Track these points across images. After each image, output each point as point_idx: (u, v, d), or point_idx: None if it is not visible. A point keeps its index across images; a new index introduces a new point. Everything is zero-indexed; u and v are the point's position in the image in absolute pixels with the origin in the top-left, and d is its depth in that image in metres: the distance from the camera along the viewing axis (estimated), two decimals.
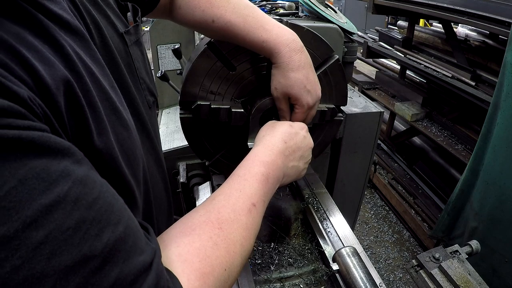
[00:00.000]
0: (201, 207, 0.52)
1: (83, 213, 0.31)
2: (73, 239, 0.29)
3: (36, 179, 0.28)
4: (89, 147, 0.38)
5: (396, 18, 6.17)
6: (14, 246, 0.26)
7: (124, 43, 0.57)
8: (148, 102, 0.64)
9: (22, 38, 0.33)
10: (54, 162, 0.30)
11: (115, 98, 0.45)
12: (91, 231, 0.31)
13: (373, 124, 1.31)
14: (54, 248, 0.28)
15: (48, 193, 0.28)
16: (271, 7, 1.65)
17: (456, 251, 0.91)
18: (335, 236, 0.92)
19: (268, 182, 0.60)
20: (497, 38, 2.53)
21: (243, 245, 0.50)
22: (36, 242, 0.27)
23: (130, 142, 0.46)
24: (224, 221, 0.49)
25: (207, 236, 0.46)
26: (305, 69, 0.75)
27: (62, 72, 0.35)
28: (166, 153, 1.41)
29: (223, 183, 0.59)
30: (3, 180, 0.26)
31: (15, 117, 0.28)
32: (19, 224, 0.26)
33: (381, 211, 3.16)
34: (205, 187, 1.13)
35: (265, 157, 0.64)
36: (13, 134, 0.27)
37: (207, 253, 0.44)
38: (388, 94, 3.30)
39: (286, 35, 0.74)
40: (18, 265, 0.26)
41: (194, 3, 0.75)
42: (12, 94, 0.28)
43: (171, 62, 1.78)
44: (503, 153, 1.60)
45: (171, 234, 0.47)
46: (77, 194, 0.31)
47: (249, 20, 0.73)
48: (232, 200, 0.53)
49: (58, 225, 0.29)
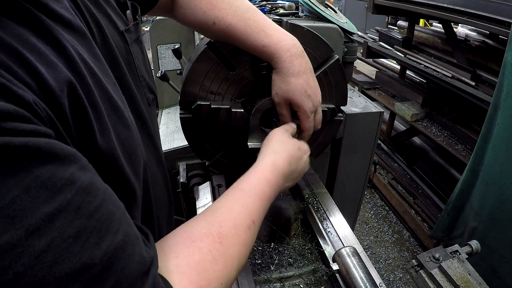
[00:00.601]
0: (203, 218, 0.52)
1: (84, 222, 0.31)
2: (73, 247, 0.30)
3: (40, 188, 0.28)
4: (92, 147, 0.38)
5: (396, 18, 6.17)
6: (17, 254, 0.26)
7: (124, 41, 0.57)
8: (148, 99, 0.64)
9: (24, 40, 0.33)
10: (60, 170, 0.30)
11: (116, 97, 0.45)
12: (91, 239, 0.31)
13: (373, 124, 1.31)
14: (56, 256, 0.28)
15: (51, 202, 0.29)
16: (271, 7, 1.65)
17: (456, 251, 0.91)
18: (335, 236, 0.92)
19: (268, 201, 0.61)
20: (497, 38, 2.53)
21: (239, 260, 0.50)
22: (39, 250, 0.27)
23: (132, 141, 0.47)
24: (224, 235, 0.49)
25: (207, 250, 0.46)
26: (306, 74, 0.75)
27: (65, 74, 0.35)
28: (166, 153, 1.41)
29: (226, 191, 0.59)
30: (8, 188, 0.26)
31: (20, 121, 0.28)
32: (22, 232, 0.27)
33: (381, 211, 3.16)
34: (205, 187, 1.13)
35: (271, 176, 0.64)
36: (19, 142, 0.27)
37: (206, 267, 0.45)
38: (388, 94, 3.30)
39: (286, 40, 0.74)
40: (20, 272, 0.26)
41: (196, 4, 0.74)
42: (17, 98, 0.29)
43: (171, 62, 1.78)
44: (503, 153, 1.60)
45: (171, 243, 0.47)
46: (80, 203, 0.31)
47: (250, 24, 0.73)
48: (233, 215, 0.53)
49: (59, 233, 0.29)
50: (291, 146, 0.73)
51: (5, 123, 0.27)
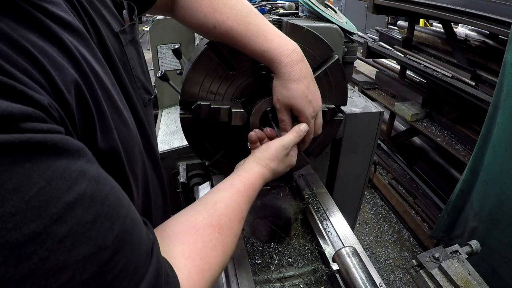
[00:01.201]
0: (204, 209, 0.58)
1: (98, 208, 0.34)
2: (90, 232, 0.32)
3: (60, 179, 0.31)
4: (96, 144, 0.41)
5: (396, 18, 6.17)
6: (42, 240, 0.29)
7: (119, 42, 0.57)
8: (144, 100, 0.65)
9: (32, 42, 0.35)
10: (72, 163, 0.33)
11: (116, 96, 0.47)
12: (105, 224, 0.34)
13: (373, 124, 1.31)
14: (75, 241, 0.31)
15: (70, 191, 0.31)
16: (271, 7, 1.65)
17: (456, 251, 0.91)
18: (335, 236, 0.92)
19: (251, 203, 0.69)
20: (497, 38, 2.53)
21: (232, 248, 0.58)
22: (61, 235, 0.30)
23: (131, 140, 0.49)
24: (223, 227, 0.56)
25: (208, 238, 0.52)
26: (306, 79, 0.76)
27: (72, 75, 0.38)
28: (166, 153, 1.41)
29: (224, 186, 0.67)
30: (33, 181, 0.29)
31: (38, 121, 0.31)
32: (47, 221, 0.29)
33: (381, 211, 3.16)
34: (205, 187, 1.13)
35: (258, 184, 0.72)
36: (38, 138, 0.30)
37: (207, 253, 0.51)
38: (388, 94, 3.30)
39: (287, 45, 0.74)
40: (45, 257, 0.29)
41: (196, 6, 0.74)
42: (34, 102, 0.31)
43: (171, 62, 1.78)
44: (503, 153, 1.60)
45: (176, 230, 0.51)
46: (93, 191, 0.34)
47: (251, 28, 0.73)
48: (230, 210, 0.60)
49: (78, 220, 0.32)
50: (282, 167, 0.79)
51: (26, 123, 0.29)
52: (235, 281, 0.79)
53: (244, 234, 0.97)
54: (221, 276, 0.83)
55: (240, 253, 0.86)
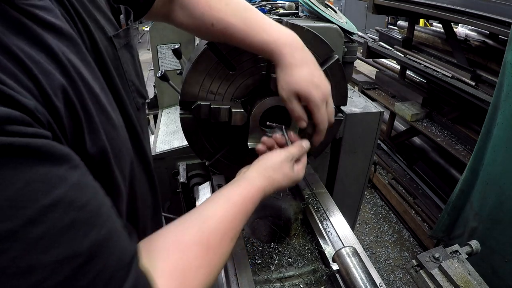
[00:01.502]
0: (194, 223, 0.55)
1: (76, 214, 0.34)
2: (65, 236, 0.33)
3: (39, 183, 0.32)
4: (84, 145, 0.42)
5: (396, 18, 6.17)
6: (15, 239, 0.29)
7: (113, 46, 0.57)
8: (137, 104, 0.65)
9: (21, 49, 0.36)
10: (54, 168, 0.34)
11: (105, 99, 0.48)
12: (81, 230, 0.34)
13: (373, 124, 1.31)
14: (49, 243, 0.32)
15: (48, 195, 0.32)
16: (271, 7, 1.65)
17: (456, 251, 0.91)
18: (335, 236, 0.92)
19: (249, 216, 0.65)
20: (497, 38, 2.53)
21: (219, 268, 0.56)
22: (35, 237, 0.31)
23: (118, 140, 0.50)
24: (211, 247, 0.53)
25: (194, 257, 0.50)
26: (309, 65, 0.75)
27: (59, 80, 0.39)
28: (166, 153, 1.41)
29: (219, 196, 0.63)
30: (12, 181, 0.30)
31: (23, 125, 0.32)
32: (22, 221, 0.30)
33: (381, 211, 3.16)
34: (205, 187, 1.13)
35: (257, 198, 0.67)
36: (21, 142, 0.31)
37: (191, 273, 0.48)
38: (388, 94, 3.30)
39: (286, 35, 0.74)
40: (17, 256, 0.29)
41: (193, 6, 0.74)
42: (21, 106, 0.33)
43: (171, 62, 1.78)
44: (503, 153, 1.60)
45: (160, 246, 0.49)
46: (72, 197, 0.34)
47: (249, 23, 0.73)
48: (223, 227, 0.57)
49: (54, 223, 0.32)
50: (287, 182, 0.74)
51: (11, 126, 0.31)
52: (235, 281, 0.79)
53: (244, 234, 0.97)
54: (221, 276, 0.83)
55: (240, 253, 0.86)
